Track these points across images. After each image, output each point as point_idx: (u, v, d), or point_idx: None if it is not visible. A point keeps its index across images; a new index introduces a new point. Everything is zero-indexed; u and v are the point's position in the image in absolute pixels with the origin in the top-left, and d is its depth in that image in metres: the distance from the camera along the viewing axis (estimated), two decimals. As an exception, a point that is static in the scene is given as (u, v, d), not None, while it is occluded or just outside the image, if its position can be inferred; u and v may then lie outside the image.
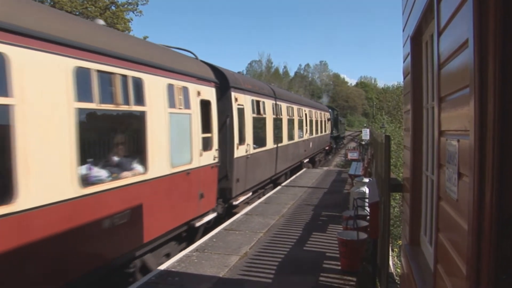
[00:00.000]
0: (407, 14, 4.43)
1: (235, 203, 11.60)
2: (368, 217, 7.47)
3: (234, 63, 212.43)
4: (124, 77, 6.43)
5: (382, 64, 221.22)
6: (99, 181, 5.94)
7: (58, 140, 5.12)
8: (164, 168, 7.55)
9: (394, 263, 9.95)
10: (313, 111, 26.44)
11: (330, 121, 36.39)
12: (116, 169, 6.45)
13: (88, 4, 32.19)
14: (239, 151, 11.56)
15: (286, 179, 18.15)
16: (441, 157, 2.54)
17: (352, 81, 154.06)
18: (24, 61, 4.65)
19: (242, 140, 11.83)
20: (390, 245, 8.99)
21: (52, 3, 28.71)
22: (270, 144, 15.05)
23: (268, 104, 14.98)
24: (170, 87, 7.85)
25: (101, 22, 7.27)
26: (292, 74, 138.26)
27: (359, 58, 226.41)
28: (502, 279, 1.59)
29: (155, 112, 7.22)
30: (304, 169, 21.68)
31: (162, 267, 7.04)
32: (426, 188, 3.78)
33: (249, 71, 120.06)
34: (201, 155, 9.14)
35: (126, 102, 6.45)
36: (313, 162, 26.61)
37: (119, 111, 6.52)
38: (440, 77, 2.60)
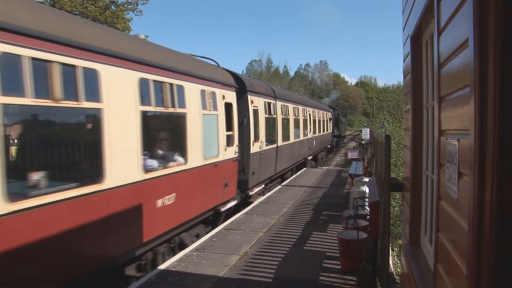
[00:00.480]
0: (407, 13, 4.43)
1: (250, 193, 13.07)
2: (368, 216, 7.47)
3: (234, 63, 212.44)
4: (171, 85, 7.88)
5: (382, 64, 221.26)
6: (153, 169, 7.37)
7: (130, 135, 6.62)
8: (199, 160, 9.04)
9: (394, 262, 9.95)
10: (316, 111, 27.81)
11: (331, 121, 37.71)
12: (162, 160, 7.88)
13: (88, 4, 32.20)
14: (254, 148, 12.99)
15: (291, 175, 19.32)
16: (441, 156, 2.54)
17: (352, 80, 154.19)
18: (109, 74, 6.15)
19: (256, 138, 13.26)
20: (390, 244, 9.00)
21: (51, 3, 28.70)
22: (279, 141, 16.41)
23: (277, 105, 16.47)
24: (203, 92, 9.32)
25: (142, 36, 8.82)
26: (292, 73, 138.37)
27: (359, 58, 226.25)
28: (502, 278, 1.59)
29: (192, 114, 8.68)
30: (304, 169, 21.72)
31: (162, 266, 7.04)
32: (426, 187, 3.78)
33: (249, 71, 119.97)
34: (225, 150, 10.58)
35: (172, 105, 7.93)
36: (315, 160, 27.64)
37: (167, 113, 8.02)
38: (440, 76, 2.60)
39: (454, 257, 2.09)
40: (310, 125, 24.42)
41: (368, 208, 7.56)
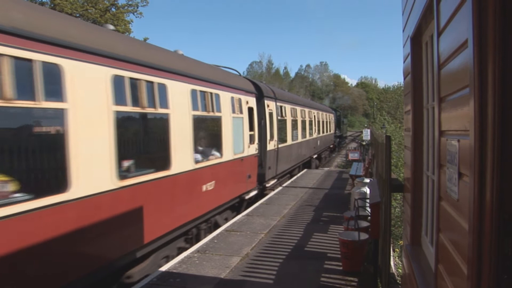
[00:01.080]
0: (407, 14, 4.43)
1: (267, 185, 14.97)
2: (369, 217, 7.47)
3: (234, 65, 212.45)
4: (211, 94, 9.76)
5: (382, 65, 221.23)
6: (198, 161, 9.07)
7: (187, 134, 8.45)
8: (230, 155, 10.97)
9: (396, 263, 9.94)
10: (320, 113, 29.70)
11: (334, 122, 39.88)
12: (203, 155, 9.49)
13: (88, 6, 32.25)
14: (270, 146, 14.95)
15: (298, 171, 21.18)
16: (442, 157, 2.54)
17: (352, 81, 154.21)
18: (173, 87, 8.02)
19: (271, 137, 15.23)
20: (392, 245, 8.99)
21: (52, 5, 28.75)
22: (289, 141, 18.45)
23: (288, 108, 18.52)
24: (232, 99, 11.23)
25: (180, 52, 9.98)
26: (292, 75, 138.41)
27: (359, 59, 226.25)
28: (503, 278, 1.59)
29: (225, 117, 10.66)
30: (305, 170, 21.79)
31: (163, 268, 7.05)
32: (427, 188, 3.78)
33: (249, 72, 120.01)
34: (248, 147, 12.51)
35: (212, 110, 9.85)
36: (319, 159, 29.21)
37: (209, 116, 9.82)
38: (440, 77, 2.60)
39: (455, 258, 2.09)
40: (315, 126, 26.10)
41: (369, 209, 7.56)
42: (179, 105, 8.10)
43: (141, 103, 6.88)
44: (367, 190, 9.49)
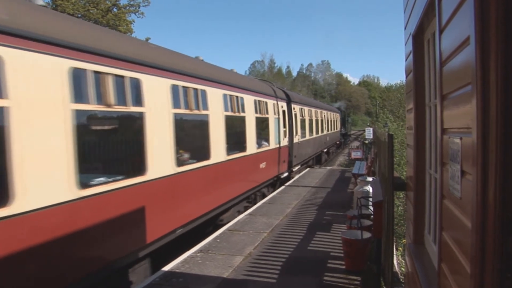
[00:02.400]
0: (408, 12, 4.42)
1: (293, 169, 19.08)
2: (372, 216, 7.45)
3: (236, 64, 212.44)
4: (264, 102, 14.09)
5: (385, 63, 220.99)
6: (258, 147, 13.09)
7: (253, 130, 12.44)
8: (273, 144, 15.14)
9: (399, 262, 9.92)
10: (328, 113, 34.42)
11: (340, 121, 44.55)
12: (258, 144, 13.15)
13: (90, 7, 32.29)
14: (295, 139, 19.17)
15: (313, 163, 25.72)
16: (444, 155, 2.53)
17: (355, 80, 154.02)
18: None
19: (296, 133, 19.44)
20: (395, 244, 8.97)
21: (54, 6, 28.79)
22: (307, 136, 22.81)
23: (305, 110, 22.63)
24: (274, 104, 15.53)
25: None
26: (295, 74, 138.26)
27: (361, 57, 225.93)
28: (506, 277, 1.58)
29: (270, 117, 14.85)
30: (307, 169, 21.93)
31: (166, 268, 7.05)
32: (430, 186, 3.76)
33: (252, 72, 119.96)
34: (283, 139, 16.68)
35: (262, 113, 13.71)
36: (328, 153, 33.73)
37: (262, 117, 13.70)
38: (442, 75, 2.59)
39: (458, 256, 2.08)
40: (325, 124, 30.84)
41: (371, 208, 7.55)
42: (250, 110, 12.53)
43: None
44: (369, 188, 9.47)
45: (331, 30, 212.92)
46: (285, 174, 17.27)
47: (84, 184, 5.39)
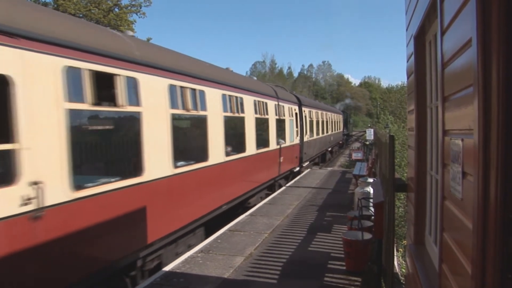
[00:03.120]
0: (410, 13, 4.42)
1: (303, 165, 21.56)
2: (372, 217, 7.45)
3: (237, 65, 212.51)
4: (282, 106, 16.66)
5: (386, 64, 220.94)
6: (278, 144, 15.53)
7: (274, 130, 15.02)
8: (288, 142, 17.63)
9: (400, 263, 9.92)
10: (333, 114, 37.50)
11: (342, 122, 47.54)
12: (277, 142, 15.53)
13: (91, 7, 32.32)
14: (305, 138, 21.64)
15: (318, 161, 28.70)
16: (446, 156, 2.53)
17: (356, 81, 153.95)
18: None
19: (306, 132, 21.93)
20: (395, 245, 8.97)
21: (55, 6, 28.82)
22: (315, 136, 25.30)
23: (313, 112, 25.37)
24: (290, 108, 18.34)
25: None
26: (296, 74, 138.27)
27: (362, 59, 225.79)
28: (507, 278, 1.58)
29: (287, 119, 17.48)
30: (308, 170, 21.97)
31: (167, 268, 7.06)
32: (431, 187, 3.77)
33: (253, 72, 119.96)
34: (296, 138, 19.29)
35: (281, 115, 16.28)
36: (331, 152, 36.44)
37: (280, 119, 16.18)
38: (443, 76, 2.59)
39: (459, 257, 2.08)
40: (329, 125, 33.39)
41: (372, 209, 7.55)
42: (272, 113, 15.05)
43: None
44: (370, 189, 9.47)
45: (332, 31, 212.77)
46: (297, 169, 20.09)
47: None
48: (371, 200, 8.12)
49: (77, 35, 5.57)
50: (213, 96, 9.61)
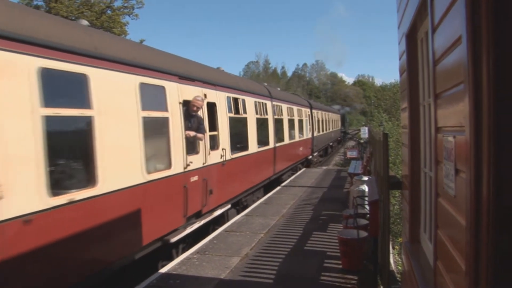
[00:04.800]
0: (401, 11, 4.44)
1: (314, 154, 26.60)
2: (368, 215, 7.47)
3: (230, 65, 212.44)
4: (298, 109, 21.82)
5: (379, 63, 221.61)
6: (298, 137, 21.45)
7: (296, 127, 21.01)
8: (305, 136, 23.29)
9: (395, 260, 9.95)
10: (332, 114, 42.46)
11: (340, 121, 52.79)
12: (299, 135, 21.68)
13: (84, 9, 32.22)
14: (315, 134, 27.07)
15: (324, 153, 34.51)
16: (439, 153, 2.54)
17: (349, 79, 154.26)
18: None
19: (315, 129, 27.35)
20: (391, 242, 9.00)
21: (47, 9, 28.70)
22: (320, 132, 30.72)
23: (319, 113, 30.80)
24: (305, 110, 23.98)
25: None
26: (290, 74, 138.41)
27: (356, 57, 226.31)
28: (501, 274, 1.59)
29: (302, 119, 22.81)
30: (303, 169, 22.00)
31: (163, 270, 7.04)
32: (425, 185, 3.78)
33: (246, 73, 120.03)
34: (309, 133, 24.38)
35: (301, 116, 22.54)
36: (331, 147, 41.06)
37: (299, 119, 21.82)
38: (435, 74, 2.60)
39: (453, 254, 2.09)
40: (330, 123, 38.96)
41: (367, 207, 7.57)
42: (296, 115, 20.60)
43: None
44: (365, 188, 9.50)
45: (326, 30, 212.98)
46: (310, 157, 25.40)
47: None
48: (366, 198, 8.14)
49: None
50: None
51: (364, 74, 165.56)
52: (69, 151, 5.64)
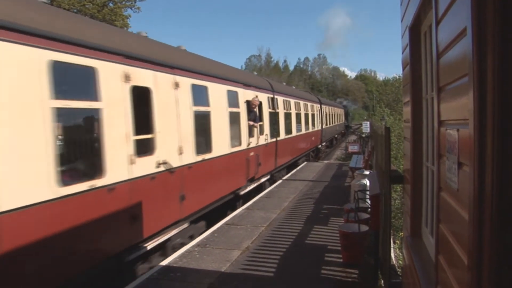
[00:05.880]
0: (405, 4, 4.40)
1: (322, 144, 30.28)
2: (369, 209, 7.46)
3: (232, 58, 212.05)
4: (311, 105, 25.53)
5: (382, 57, 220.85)
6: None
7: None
8: (316, 128, 27.10)
9: (396, 255, 9.96)
10: (337, 109, 46.28)
11: (343, 115, 56.15)
12: (312, 127, 25.48)
13: (86, 2, 32.10)
14: (323, 127, 30.22)
15: (331, 144, 39.07)
16: (441, 147, 2.52)
17: (352, 74, 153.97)
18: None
19: (323, 122, 30.56)
20: (392, 237, 9.00)
21: (49, 1, 28.59)
22: (328, 125, 33.88)
23: (326, 108, 34.33)
24: (316, 106, 27.88)
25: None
26: (292, 68, 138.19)
27: (359, 51, 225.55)
28: (503, 268, 1.58)
29: (315, 113, 26.96)
30: (305, 163, 21.95)
31: (164, 262, 7.05)
32: (427, 179, 3.77)
33: (248, 66, 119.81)
34: (320, 125, 28.93)
35: (313, 111, 26.48)
36: (336, 139, 44.35)
37: (313, 114, 26.22)
38: (439, 66, 2.58)
39: (456, 248, 2.08)
40: (335, 117, 41.92)
41: (369, 201, 7.56)
42: (310, 110, 24.51)
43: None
44: (367, 182, 9.48)
45: (329, 24, 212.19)
46: (319, 146, 29.06)
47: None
48: (368, 193, 8.12)
49: None
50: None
51: (367, 69, 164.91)
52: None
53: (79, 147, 5.90)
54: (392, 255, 7.99)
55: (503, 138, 1.54)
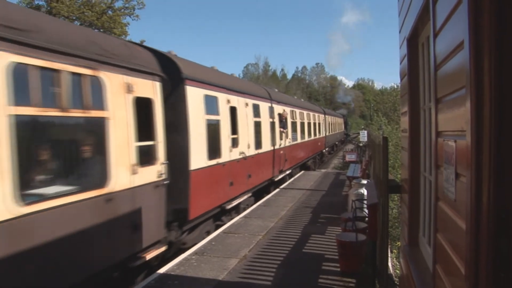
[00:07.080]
0: (403, 15, 4.45)
1: (326, 149, 34.38)
2: (366, 218, 7.47)
3: (230, 66, 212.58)
4: (318, 115, 30.30)
5: (379, 66, 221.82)
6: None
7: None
8: (321, 135, 31.39)
9: (394, 264, 9.95)
10: (337, 118, 49.89)
11: (343, 124, 59.66)
12: (318, 134, 29.37)
13: (85, 9, 32.20)
14: (327, 134, 34.27)
15: (332, 150, 42.44)
16: (439, 157, 2.55)
17: (349, 83, 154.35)
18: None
19: (327, 130, 34.68)
20: (389, 246, 9.00)
21: (49, 8, 28.70)
22: (330, 133, 37.29)
23: (329, 117, 37.90)
24: (321, 116, 32.05)
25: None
26: (290, 76, 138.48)
27: (356, 60, 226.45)
28: (501, 278, 1.59)
29: (321, 123, 31.38)
30: (302, 172, 21.97)
31: (161, 270, 7.03)
32: (424, 189, 3.79)
33: (245, 75, 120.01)
34: (324, 133, 33.05)
35: (320, 121, 30.73)
36: (336, 146, 47.78)
37: (319, 123, 30.49)
38: (436, 78, 2.61)
39: (453, 258, 2.09)
40: (336, 126, 45.69)
41: (366, 210, 7.57)
42: (318, 120, 29.38)
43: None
44: (364, 191, 9.50)
45: (325, 33, 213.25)
46: (324, 151, 32.60)
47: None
48: (365, 202, 8.14)
49: None
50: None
51: (364, 78, 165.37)
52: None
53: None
54: (390, 264, 7.98)
55: (499, 149, 1.57)
